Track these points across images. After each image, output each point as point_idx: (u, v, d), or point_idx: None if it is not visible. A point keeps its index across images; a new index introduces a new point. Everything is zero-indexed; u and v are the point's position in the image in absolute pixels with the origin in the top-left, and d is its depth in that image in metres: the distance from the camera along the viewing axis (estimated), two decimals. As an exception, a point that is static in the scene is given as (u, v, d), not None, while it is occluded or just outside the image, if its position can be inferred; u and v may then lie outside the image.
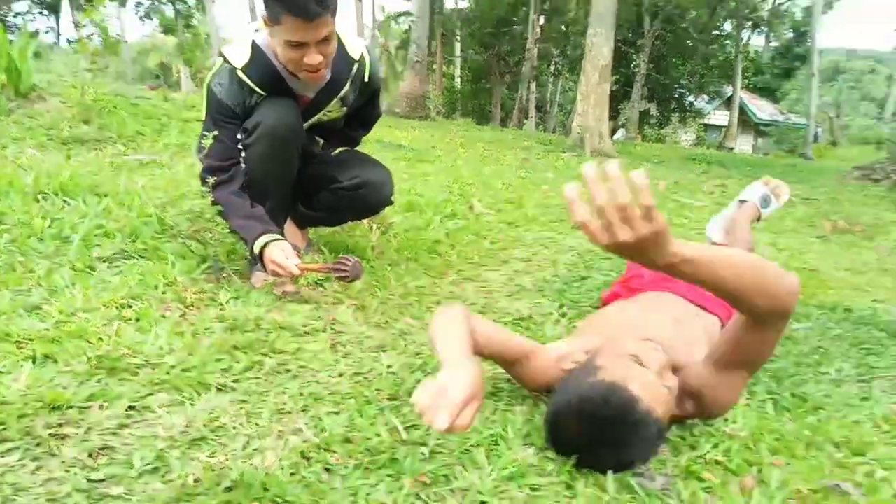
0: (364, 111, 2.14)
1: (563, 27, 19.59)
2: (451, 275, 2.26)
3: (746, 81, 24.78)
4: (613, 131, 22.77)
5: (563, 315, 1.97)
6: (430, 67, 23.62)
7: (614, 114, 21.21)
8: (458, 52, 25.24)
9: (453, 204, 3.28)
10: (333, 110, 2.01)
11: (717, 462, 1.21)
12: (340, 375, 1.40)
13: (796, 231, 3.92)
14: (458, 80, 26.55)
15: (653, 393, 1.10)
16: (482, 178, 4.49)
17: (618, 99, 20.93)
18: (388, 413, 1.23)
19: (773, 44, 27.45)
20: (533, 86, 21.47)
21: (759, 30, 22.61)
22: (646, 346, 1.19)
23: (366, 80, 2.00)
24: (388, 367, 1.45)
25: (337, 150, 2.15)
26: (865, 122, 36.15)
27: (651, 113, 22.00)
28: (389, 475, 1.05)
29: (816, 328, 2.11)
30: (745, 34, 21.70)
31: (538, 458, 1.15)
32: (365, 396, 1.29)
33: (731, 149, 20.12)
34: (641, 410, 1.06)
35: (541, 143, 9.10)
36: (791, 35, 26.49)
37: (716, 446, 1.26)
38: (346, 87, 1.96)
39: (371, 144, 5.51)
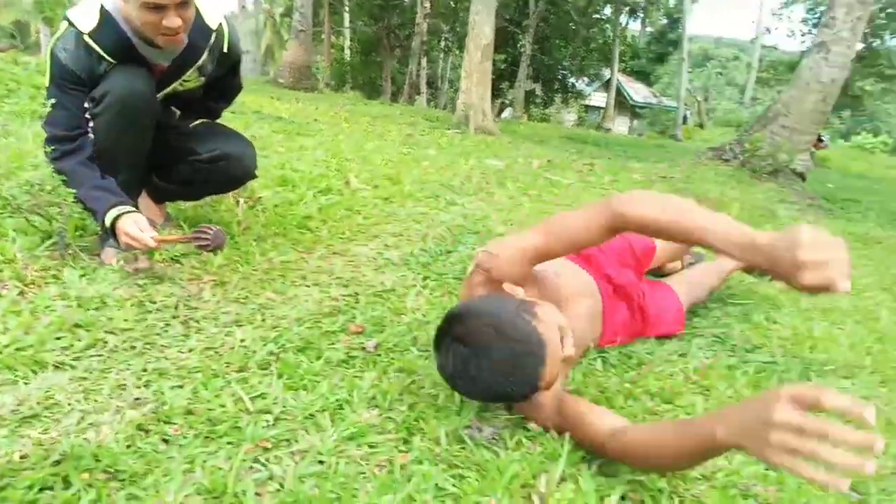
0: (224, 82, 2.10)
1: (451, 3, 19.68)
2: (320, 249, 2.28)
3: (624, 65, 26.15)
4: (501, 110, 23.33)
5: (426, 287, 2.06)
6: (318, 37, 23.00)
7: (498, 93, 21.72)
8: (346, 22, 24.69)
9: (329, 179, 3.27)
10: (190, 80, 1.96)
11: (545, 414, 1.34)
12: (190, 351, 1.40)
13: (652, 207, 4.26)
14: (347, 51, 26.04)
15: (551, 368, 1.16)
16: (363, 153, 4.49)
17: (505, 78, 21.45)
18: (235, 385, 1.26)
19: (649, 29, 29.08)
20: (424, 61, 21.47)
21: (635, 15, 23.85)
22: (569, 331, 1.22)
23: (224, 50, 1.96)
24: (241, 340, 1.46)
25: (196, 122, 2.10)
26: (729, 106, 39.35)
27: (536, 93, 22.70)
28: (230, 442, 1.08)
29: (653, 294, 2.34)
30: (623, 19, 22.85)
31: (381, 419, 1.22)
32: (213, 370, 1.31)
33: (609, 129, 21.25)
34: (536, 371, 1.12)
35: (427, 120, 9.17)
36: (665, 21, 28.17)
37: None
38: (204, 57, 1.91)
39: (248, 116, 5.34)
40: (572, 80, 23.24)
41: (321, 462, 1.06)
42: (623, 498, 1.08)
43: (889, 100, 28.83)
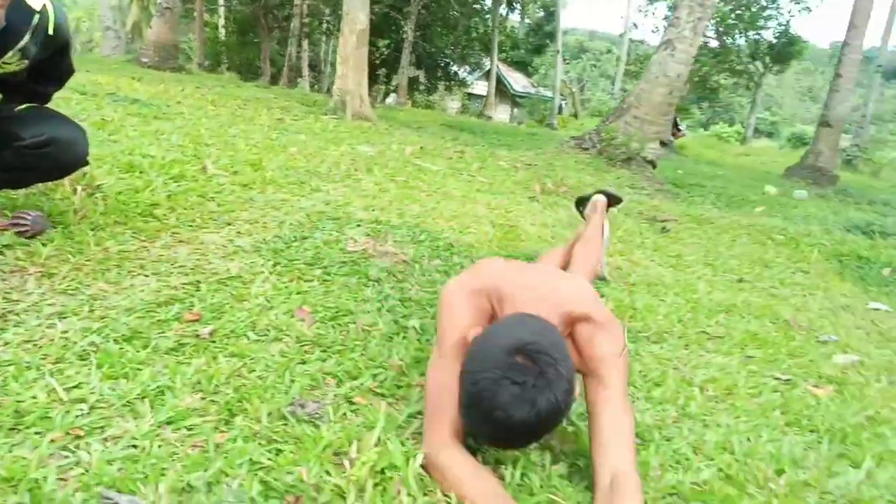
0: (51, 66, 1.99)
1: (332, -15, 19.26)
2: (165, 238, 2.22)
3: (504, 55, 26.86)
4: (385, 96, 23.26)
5: (274, 273, 2.08)
6: (190, 15, 21.70)
7: (375, 78, 21.63)
8: (221, 0, 23.49)
9: (183, 165, 3.17)
10: (11, 63, 1.84)
11: (372, 390, 1.43)
12: (6, 344, 1.35)
13: (513, 192, 4.49)
14: (222, 31, 24.80)
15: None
16: (226, 138, 4.36)
17: (389, 64, 21.37)
18: (50, 376, 1.23)
19: (527, 21, 30.01)
20: (305, 44, 20.90)
21: (513, 7, 24.51)
22: None
23: (50, 32, 1.86)
24: (63, 332, 1.43)
25: (22, 106, 1.98)
26: (603, 97, 41.60)
27: (420, 80, 22.82)
28: (38, 432, 1.07)
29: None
30: (503, 10, 23.41)
31: (204, 402, 1.25)
32: (27, 362, 1.27)
33: (490, 117, 21.78)
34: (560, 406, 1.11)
35: (303, 104, 8.98)
36: (541, 14, 29.16)
37: (374, 377, 1.48)
38: (26, 39, 1.80)
39: (101, 97, 5.01)
40: (454, 67, 23.57)
41: (134, 446, 1.08)
42: (431, 458, 1.19)
43: (741, 93, 31.63)
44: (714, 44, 24.02)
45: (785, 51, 24.09)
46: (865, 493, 1.40)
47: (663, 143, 11.43)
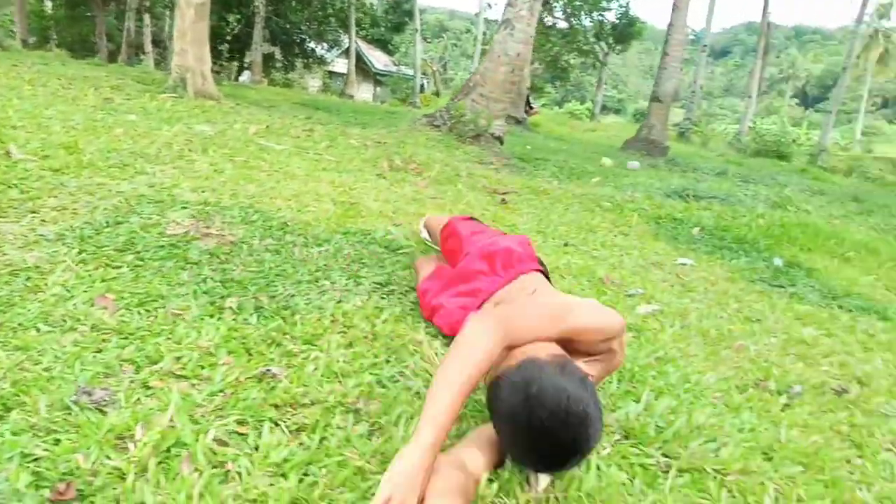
0: None
1: (171, -45, 17.92)
2: (-51, 231, 2.01)
3: (364, 33, 26.51)
4: (240, 73, 22.18)
5: (78, 261, 1.95)
6: (7, -16, 19.29)
7: (237, 55, 20.60)
8: (44, -32, 21.10)
9: (-20, 151, 2.86)
10: None
11: (172, 373, 1.40)
12: None
13: (360, 170, 4.49)
14: (49, 3, 22.35)
15: None
16: (40, 120, 3.97)
17: (242, 40, 20.36)
18: None
19: (385, -2, 29.78)
20: (147, 18, 19.37)
21: (370, -17, 24.22)
22: None
23: None
24: None
25: None
26: (464, 76, 42.46)
27: (276, 57, 21.99)
28: None
29: (331, 249, 2.51)
30: (359, -15, 23.06)
31: (-25, 399, 1.17)
32: None
33: (352, 96, 21.51)
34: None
35: (139, 83, 8.33)
36: (399, -9, 29.04)
37: (178, 360, 1.45)
38: None
39: None
40: (312, 44, 22.93)
41: None
42: (230, 433, 1.20)
43: (590, 72, 33.54)
44: (563, 25, 25.27)
45: (626, 31, 25.87)
46: (640, 421, 1.59)
47: (518, 121, 11.94)
